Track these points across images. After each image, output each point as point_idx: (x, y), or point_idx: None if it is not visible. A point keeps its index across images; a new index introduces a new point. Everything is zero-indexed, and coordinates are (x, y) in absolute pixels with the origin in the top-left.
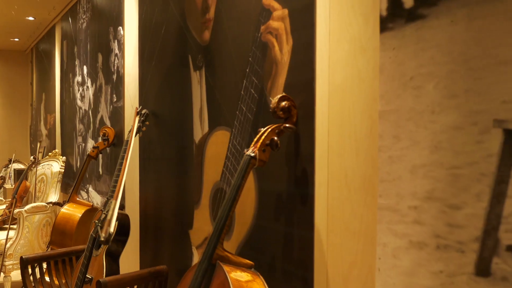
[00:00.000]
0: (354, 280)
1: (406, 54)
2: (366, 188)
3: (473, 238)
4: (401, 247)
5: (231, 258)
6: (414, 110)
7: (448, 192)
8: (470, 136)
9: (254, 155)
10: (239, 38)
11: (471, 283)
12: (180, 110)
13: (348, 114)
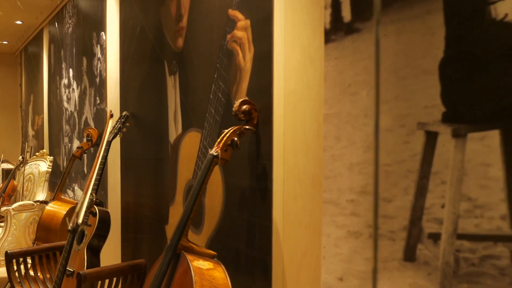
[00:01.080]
0: (305, 268)
1: (345, 64)
2: (314, 184)
3: (401, 228)
4: (341, 237)
5: (195, 249)
6: (351, 114)
7: (381, 186)
8: (399, 137)
9: (216, 154)
10: (209, 46)
11: (400, 268)
12: (157, 113)
13: (300, 117)
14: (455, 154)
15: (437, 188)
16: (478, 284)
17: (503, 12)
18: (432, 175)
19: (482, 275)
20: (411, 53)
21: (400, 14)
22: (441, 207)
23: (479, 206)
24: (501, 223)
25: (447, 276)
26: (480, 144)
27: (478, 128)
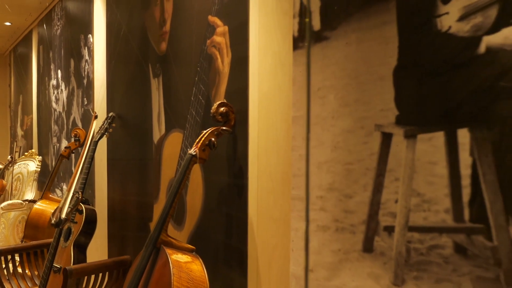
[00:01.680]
0: (277, 260)
1: (315, 69)
2: (284, 181)
3: (361, 222)
4: (310, 231)
5: (174, 243)
6: (320, 116)
7: (344, 184)
8: (359, 138)
9: (195, 154)
10: (190, 50)
11: (360, 259)
12: (141, 114)
13: (272, 119)
14: (407, 153)
15: (391, 184)
16: (426, 272)
17: (447, 25)
18: (387, 172)
19: (429, 263)
20: (369, 60)
21: (360, 24)
22: (394, 202)
23: (427, 200)
24: (445, 216)
25: (400, 265)
26: (428, 144)
27: (426, 129)
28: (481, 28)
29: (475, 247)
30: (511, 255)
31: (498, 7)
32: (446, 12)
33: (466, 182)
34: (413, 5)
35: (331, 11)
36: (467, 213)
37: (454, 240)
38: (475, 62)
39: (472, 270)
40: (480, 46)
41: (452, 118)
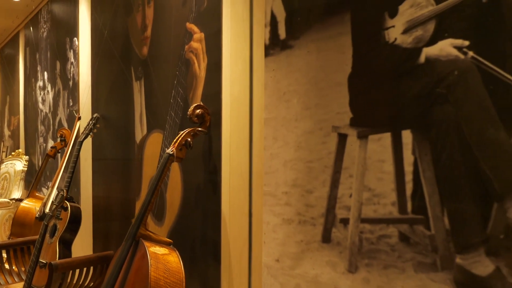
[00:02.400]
0: (247, 252)
1: (281, 75)
2: (257, 179)
3: (320, 215)
4: (277, 224)
5: (153, 237)
6: (286, 118)
7: (305, 180)
8: (319, 138)
9: (172, 153)
10: (169, 55)
11: (319, 248)
12: (124, 115)
13: (243, 121)
14: (360, 152)
15: (346, 180)
16: (376, 259)
17: (393, 37)
18: (343, 170)
19: (378, 251)
20: (327, 68)
21: (320, 34)
22: (349, 196)
23: (377, 195)
24: (392, 208)
25: (354, 253)
26: (377, 144)
27: (376, 131)
28: (421, 40)
29: (416, 236)
30: (446, 243)
31: (435, 22)
32: (393, 26)
33: (409, 178)
34: (365, 18)
35: (295, 22)
36: (410, 206)
37: (399, 230)
38: (416, 70)
39: (414, 256)
40: (421, 57)
41: (397, 120)
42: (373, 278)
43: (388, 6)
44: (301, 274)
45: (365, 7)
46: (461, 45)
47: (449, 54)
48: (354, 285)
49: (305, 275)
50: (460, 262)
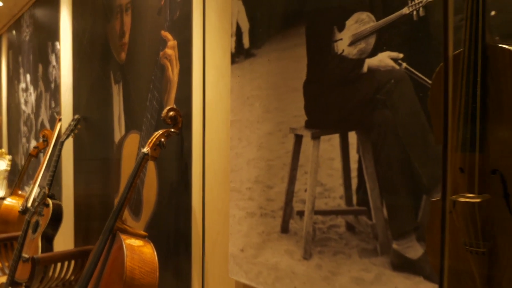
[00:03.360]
0: (220, 244)
1: (245, 81)
2: (225, 176)
3: (279, 208)
4: (242, 217)
5: (129, 230)
6: (249, 120)
7: (266, 177)
8: (278, 139)
9: (147, 152)
10: (146, 60)
11: (278, 238)
12: (104, 116)
13: (215, 123)
14: (313, 151)
15: (302, 177)
16: (327, 246)
17: (341, 48)
18: (299, 167)
19: (329, 240)
20: (285, 75)
21: (278, 45)
22: (304, 191)
23: (327, 189)
24: (340, 201)
25: (308, 242)
26: (328, 144)
27: (327, 132)
28: (364, 52)
29: (360, 225)
30: (384, 231)
31: (375, 37)
32: (341, 38)
33: (354, 174)
34: (317, 31)
35: (257, 33)
36: (355, 198)
37: (346, 220)
38: (360, 79)
39: (358, 243)
40: (364, 67)
41: (344, 123)
42: (325, 264)
43: (337, 21)
44: (262, 262)
45: (318, 22)
46: (397, 57)
47: (387, 65)
48: (309, 271)
49: (266, 263)
50: (396, 247)
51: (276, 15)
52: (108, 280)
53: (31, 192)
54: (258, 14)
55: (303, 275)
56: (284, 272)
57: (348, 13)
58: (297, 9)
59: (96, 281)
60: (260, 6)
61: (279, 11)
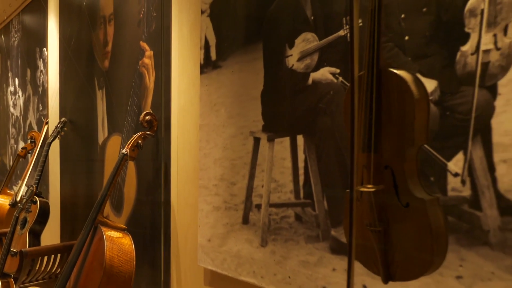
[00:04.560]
0: (191, 235)
1: (213, 89)
2: (195, 174)
3: (241, 202)
4: (209, 211)
5: (109, 223)
6: (216, 124)
7: (230, 174)
8: (240, 141)
9: (126, 153)
10: (127, 68)
11: (240, 229)
12: (89, 119)
13: (187, 126)
14: (268, 152)
15: (259, 174)
16: (279, 235)
17: (291, 63)
18: (257, 166)
19: (281, 229)
20: (246, 85)
21: (241, 58)
22: (261, 187)
23: (280, 185)
24: (290, 195)
25: (264, 231)
26: (281, 146)
27: (280, 135)
28: (309, 67)
29: (306, 216)
30: (325, 220)
31: (318, 54)
32: (291, 54)
33: (301, 172)
34: (272, 47)
35: (223, 47)
36: (302, 193)
37: (295, 212)
38: (307, 90)
39: (305, 231)
40: (309, 79)
41: (294, 127)
42: (278, 250)
43: (288, 39)
44: (227, 251)
45: (272, 39)
46: (335, 72)
47: (327, 78)
48: (265, 257)
49: (229, 251)
50: (334, 234)
51: (238, 32)
52: (90, 268)
53: (19, 188)
54: (223, 30)
55: (260, 261)
56: (245, 258)
57: (297, 33)
58: (256, 28)
59: (79, 269)
60: (225, 23)
61: (241, 28)
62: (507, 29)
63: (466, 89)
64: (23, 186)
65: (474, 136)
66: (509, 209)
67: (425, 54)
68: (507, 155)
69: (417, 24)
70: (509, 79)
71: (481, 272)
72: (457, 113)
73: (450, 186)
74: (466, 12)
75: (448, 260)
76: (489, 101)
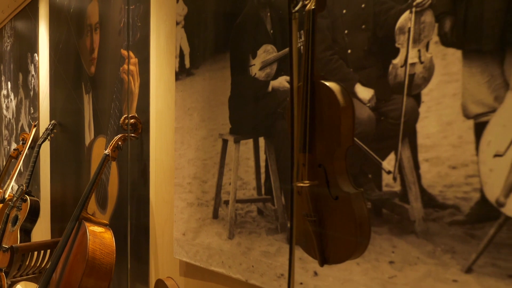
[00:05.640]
0: (167, 230)
1: (186, 95)
2: (171, 173)
3: (211, 198)
4: (184, 207)
5: (92, 219)
6: (189, 127)
7: (202, 173)
8: (210, 143)
9: (108, 154)
10: (110, 74)
11: (211, 223)
12: (77, 122)
13: (164, 129)
14: (235, 152)
15: (227, 173)
16: (244, 228)
17: (254, 72)
18: (225, 165)
19: (246, 222)
20: (216, 91)
21: (211, 66)
22: (229, 184)
23: (245, 182)
24: (253, 192)
25: (231, 225)
26: (245, 147)
27: (244, 137)
28: (269, 75)
29: (267, 210)
30: (283, 214)
31: (277, 64)
32: (254, 64)
33: (263, 170)
34: (238, 57)
35: (195, 56)
36: (263, 189)
37: (257, 206)
38: (267, 96)
39: (266, 224)
40: (269, 87)
41: (256, 130)
42: (243, 242)
43: (251, 50)
44: (199, 243)
45: (238, 49)
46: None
47: (284, 86)
48: (232, 248)
49: (201, 243)
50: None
51: (209, 42)
52: (74, 260)
53: (8, 186)
54: (196, 41)
55: (228, 252)
56: (214, 250)
57: (259, 45)
58: (224, 39)
59: (64, 261)
60: (197, 34)
61: (211, 39)
62: (429, 45)
63: (396, 97)
64: (11, 183)
65: (403, 138)
66: (430, 202)
67: (363, 66)
68: (428, 155)
69: (357, 39)
70: (430, 89)
71: (409, 257)
72: (389, 118)
73: (384, 182)
74: (396, 29)
75: (383, 247)
76: (415, 108)
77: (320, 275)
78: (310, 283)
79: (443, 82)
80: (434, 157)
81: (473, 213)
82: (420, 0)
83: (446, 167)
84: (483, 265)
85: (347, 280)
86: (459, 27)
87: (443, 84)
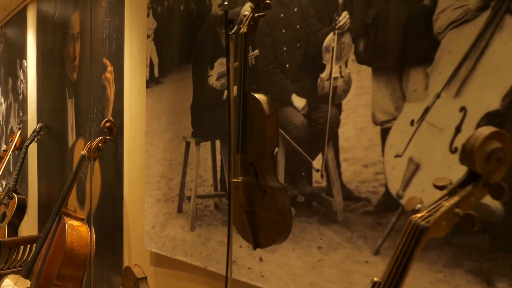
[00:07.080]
0: (139, 224)
1: (156, 101)
2: (143, 172)
3: (176, 195)
4: (153, 203)
5: (71, 213)
6: (158, 130)
7: (168, 172)
8: (176, 144)
9: (85, 154)
10: (90, 80)
11: (176, 217)
12: (61, 125)
13: (136, 132)
14: (196, 153)
15: (190, 172)
16: (204, 220)
17: (212, 82)
18: (188, 165)
19: (205, 215)
20: (180, 98)
21: (176, 76)
22: (191, 182)
23: (204, 180)
24: (211, 188)
25: (193, 218)
26: (205, 148)
27: (204, 140)
28: (224, 85)
29: (222, 204)
30: None
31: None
32: (211, 75)
33: (218, 169)
34: (198, 68)
35: (164, 66)
36: (219, 186)
37: (214, 201)
38: (221, 104)
39: (221, 217)
40: (224, 95)
41: (214, 133)
42: (203, 233)
43: (210, 62)
44: (166, 235)
45: (199, 61)
46: None
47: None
48: (193, 239)
49: (168, 235)
50: None
51: (174, 54)
52: (54, 251)
53: None
54: (164, 52)
55: (190, 242)
56: (179, 241)
57: (215, 57)
58: (187, 52)
59: (46, 252)
60: (165, 47)
61: (177, 52)
62: (347, 63)
63: (323, 106)
64: None
65: (328, 142)
66: (349, 196)
67: (298, 78)
68: (347, 156)
69: (294, 56)
70: (348, 100)
71: (333, 243)
72: (318, 124)
73: (314, 179)
74: (323, 48)
75: (313, 235)
76: (337, 116)
77: (265, 260)
78: (256, 267)
79: (358, 94)
80: (351, 157)
81: (380, 204)
82: (341, 24)
83: (360, 165)
84: (387, 247)
85: (285, 264)
86: (370, 48)
87: (358, 96)
